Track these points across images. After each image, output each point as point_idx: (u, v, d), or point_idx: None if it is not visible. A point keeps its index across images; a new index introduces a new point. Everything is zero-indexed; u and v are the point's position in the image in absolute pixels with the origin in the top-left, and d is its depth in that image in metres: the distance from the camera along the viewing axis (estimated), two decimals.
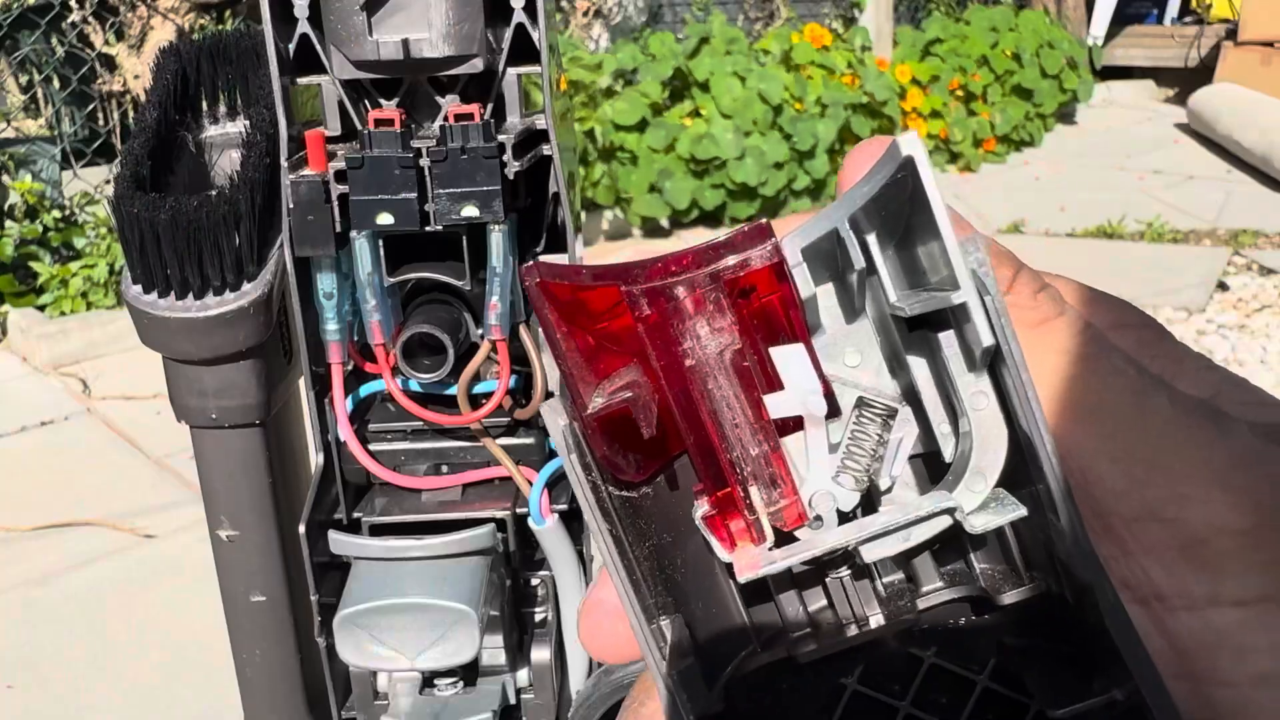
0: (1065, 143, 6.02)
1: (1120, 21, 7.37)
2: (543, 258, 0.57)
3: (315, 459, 0.57)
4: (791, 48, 4.74)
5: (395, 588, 0.56)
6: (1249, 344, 3.24)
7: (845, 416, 0.27)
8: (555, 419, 0.26)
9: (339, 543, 0.57)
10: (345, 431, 0.55)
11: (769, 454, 0.26)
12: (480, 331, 0.55)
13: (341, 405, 0.55)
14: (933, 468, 0.28)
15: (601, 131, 4.05)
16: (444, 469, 0.59)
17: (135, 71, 4.29)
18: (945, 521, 0.26)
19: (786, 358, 0.26)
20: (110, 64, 4.42)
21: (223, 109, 0.61)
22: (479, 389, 0.56)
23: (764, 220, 0.26)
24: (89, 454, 2.79)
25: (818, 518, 0.26)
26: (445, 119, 0.51)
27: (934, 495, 0.26)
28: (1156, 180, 5.19)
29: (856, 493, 0.27)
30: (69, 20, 4.19)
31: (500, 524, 0.58)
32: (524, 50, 0.51)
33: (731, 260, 0.26)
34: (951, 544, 0.28)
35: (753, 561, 0.26)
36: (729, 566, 0.26)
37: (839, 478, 0.27)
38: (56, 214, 3.82)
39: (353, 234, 0.52)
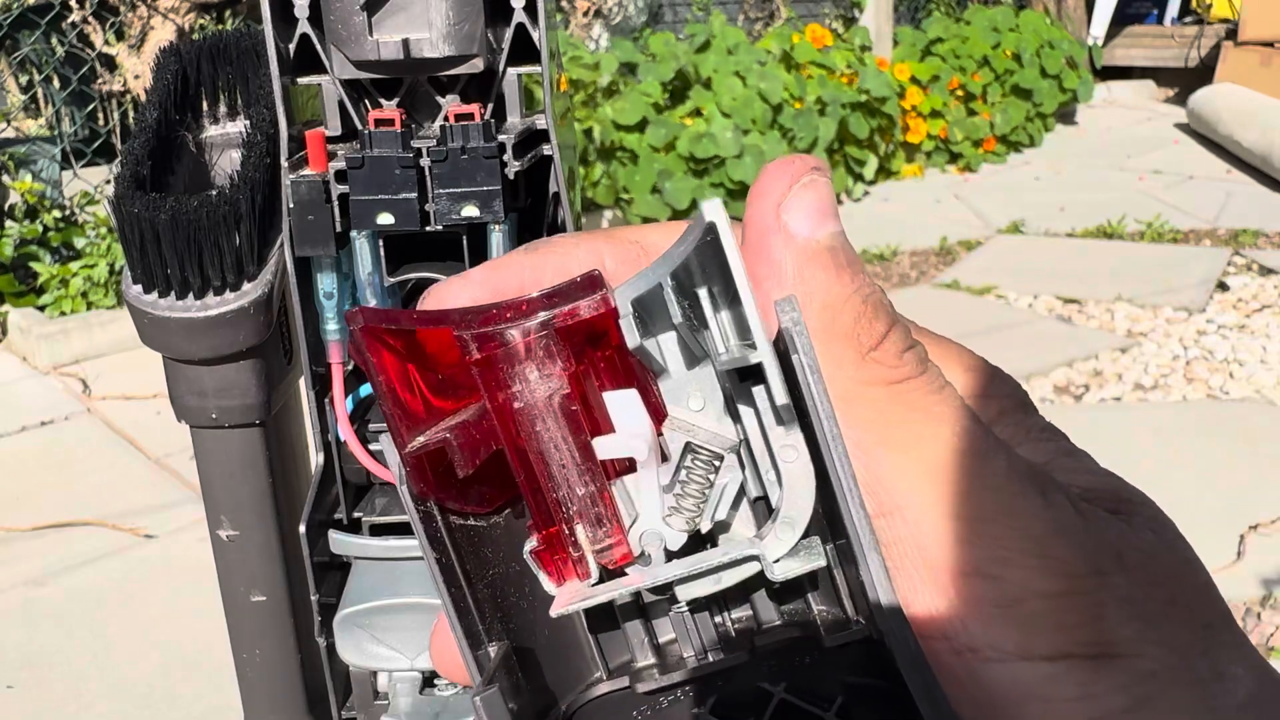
0: (1065, 143, 6.02)
1: (1120, 21, 7.38)
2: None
3: (315, 459, 0.57)
4: (792, 47, 4.74)
5: (395, 588, 0.56)
6: (1249, 344, 3.24)
7: (674, 462, 0.28)
8: (390, 452, 0.27)
9: (339, 542, 0.57)
10: (345, 431, 0.55)
11: (595, 494, 0.27)
12: None
13: (341, 405, 0.55)
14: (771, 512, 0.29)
15: (601, 131, 4.05)
16: None
17: (135, 71, 4.29)
18: (753, 567, 0.27)
19: (618, 402, 0.27)
20: (110, 64, 4.42)
21: (223, 109, 0.61)
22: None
23: (595, 270, 0.27)
24: (89, 454, 2.79)
25: (644, 555, 0.28)
26: (445, 119, 0.51)
27: (742, 542, 0.27)
28: (1156, 180, 5.19)
29: (684, 533, 0.28)
30: (69, 20, 4.19)
31: None
32: (524, 50, 0.51)
33: (562, 308, 0.27)
34: (791, 585, 0.29)
35: (571, 595, 0.27)
36: (550, 593, 0.28)
37: (669, 519, 0.28)
38: (56, 214, 3.82)
39: (353, 234, 0.52)
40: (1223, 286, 3.64)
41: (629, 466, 0.28)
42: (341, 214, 0.51)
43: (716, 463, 0.28)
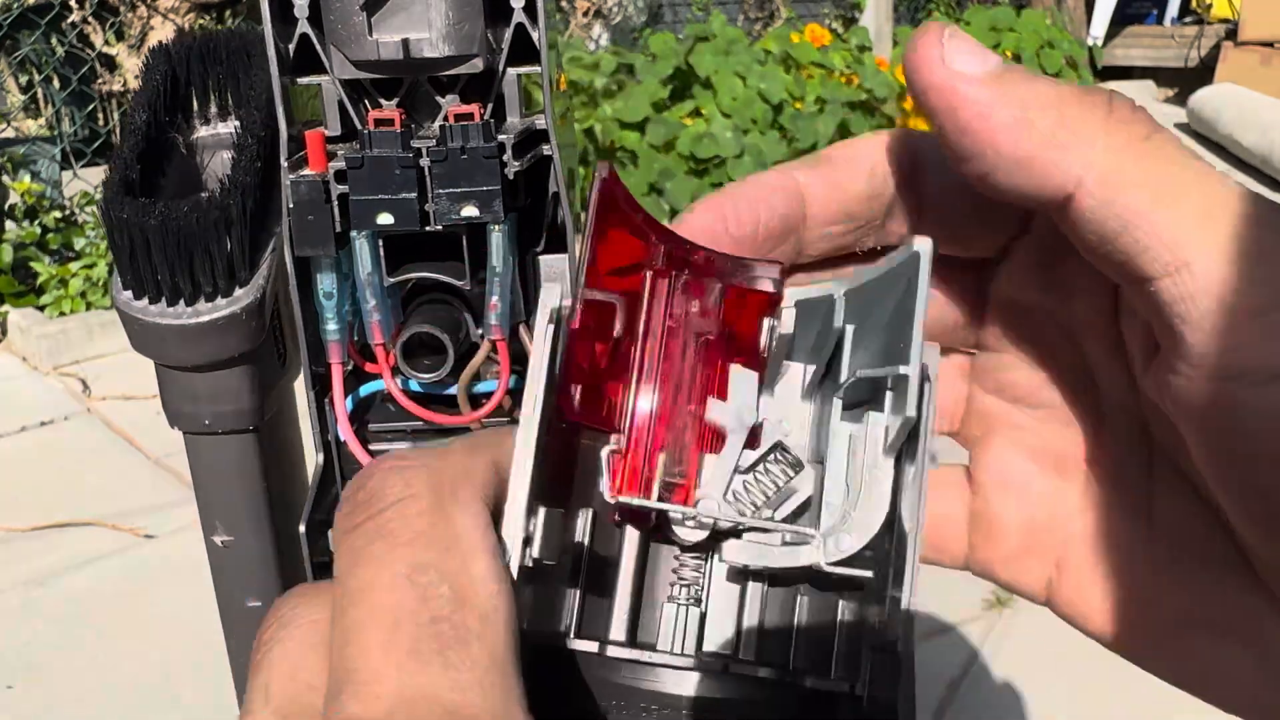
0: None
1: (1120, 21, 7.37)
2: (545, 258, 0.57)
3: (315, 459, 0.57)
4: (792, 47, 4.74)
5: None
6: None
7: (759, 452, 0.30)
8: (550, 295, 0.29)
9: None
10: (345, 431, 0.55)
11: (688, 434, 0.30)
12: (480, 331, 0.55)
13: (341, 405, 0.55)
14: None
15: (601, 130, 4.05)
16: None
17: (135, 71, 4.29)
18: (802, 555, 0.29)
19: (740, 378, 0.30)
20: (110, 64, 4.42)
21: (214, 109, 0.61)
22: (479, 389, 0.56)
23: (783, 263, 0.31)
24: (89, 454, 2.79)
25: (697, 509, 0.30)
26: (445, 119, 0.51)
27: (806, 528, 0.29)
28: None
29: (736, 515, 0.30)
30: (69, 20, 4.19)
31: None
32: (524, 50, 0.51)
33: (741, 275, 0.30)
34: (780, 629, 0.31)
35: (629, 494, 0.29)
36: (606, 492, 0.29)
37: (729, 496, 0.30)
38: (56, 214, 3.82)
39: (353, 234, 0.52)
40: None
41: (715, 438, 0.30)
42: (341, 214, 0.51)
43: (796, 469, 0.30)
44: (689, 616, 0.31)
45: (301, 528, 0.56)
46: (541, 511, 0.28)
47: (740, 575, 0.32)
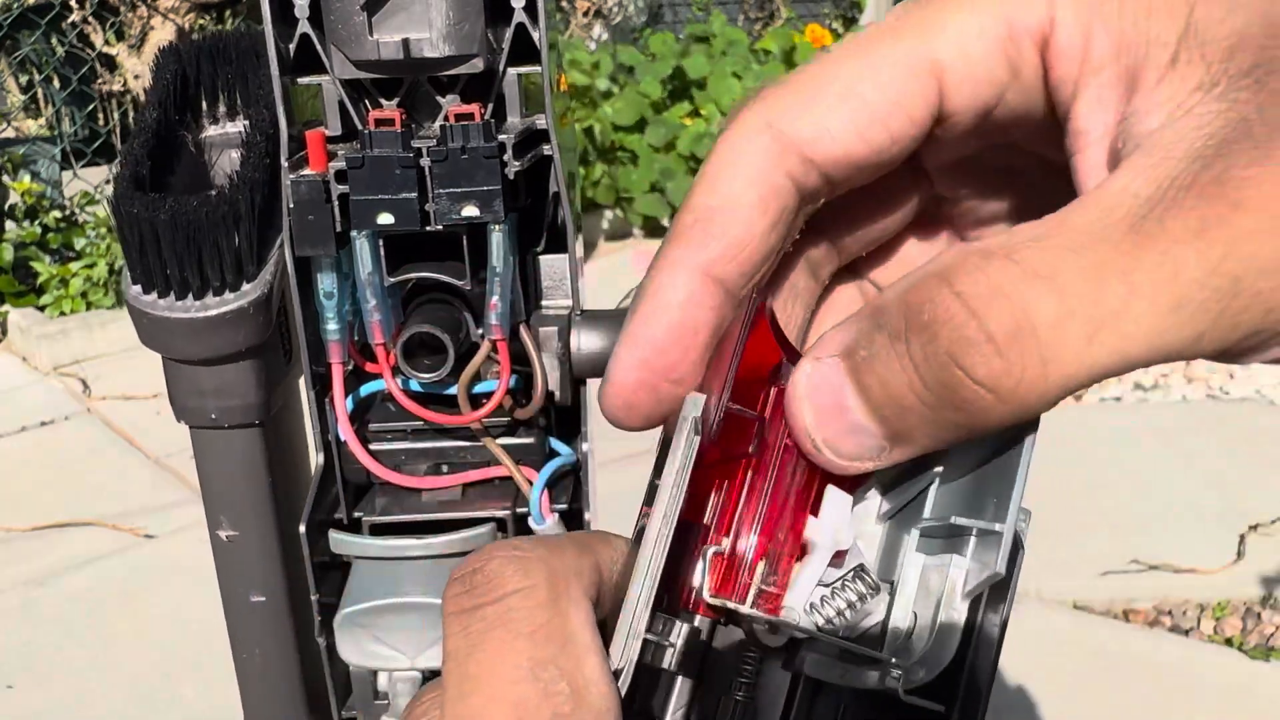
0: None
1: None
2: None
3: (315, 459, 0.57)
4: (793, 47, 4.74)
5: (395, 587, 0.56)
6: None
7: (842, 571, 0.32)
8: (693, 406, 0.30)
9: (339, 542, 0.57)
10: (345, 431, 0.55)
11: (786, 548, 0.31)
12: (480, 331, 0.55)
13: (342, 405, 0.55)
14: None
15: (601, 131, 4.06)
16: (444, 469, 0.59)
17: (135, 71, 4.29)
18: (873, 678, 0.31)
19: (834, 498, 0.32)
20: (110, 64, 4.42)
21: (222, 109, 0.61)
22: (479, 389, 0.56)
23: None
24: (89, 454, 2.79)
25: (776, 624, 0.31)
26: (445, 119, 0.51)
27: (883, 654, 0.31)
28: None
29: (814, 628, 0.31)
30: (69, 20, 4.19)
31: (500, 524, 0.58)
32: (524, 50, 0.51)
33: None
34: None
35: (725, 596, 0.31)
36: (698, 592, 0.31)
37: (810, 608, 0.32)
38: (56, 214, 3.82)
39: (353, 234, 0.52)
40: None
41: (803, 551, 0.32)
42: (341, 214, 0.51)
43: (873, 592, 0.32)
44: (742, 712, 0.33)
45: (302, 528, 0.56)
46: (681, 626, 0.30)
47: (794, 678, 0.33)
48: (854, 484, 0.32)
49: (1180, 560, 2.20)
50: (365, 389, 0.57)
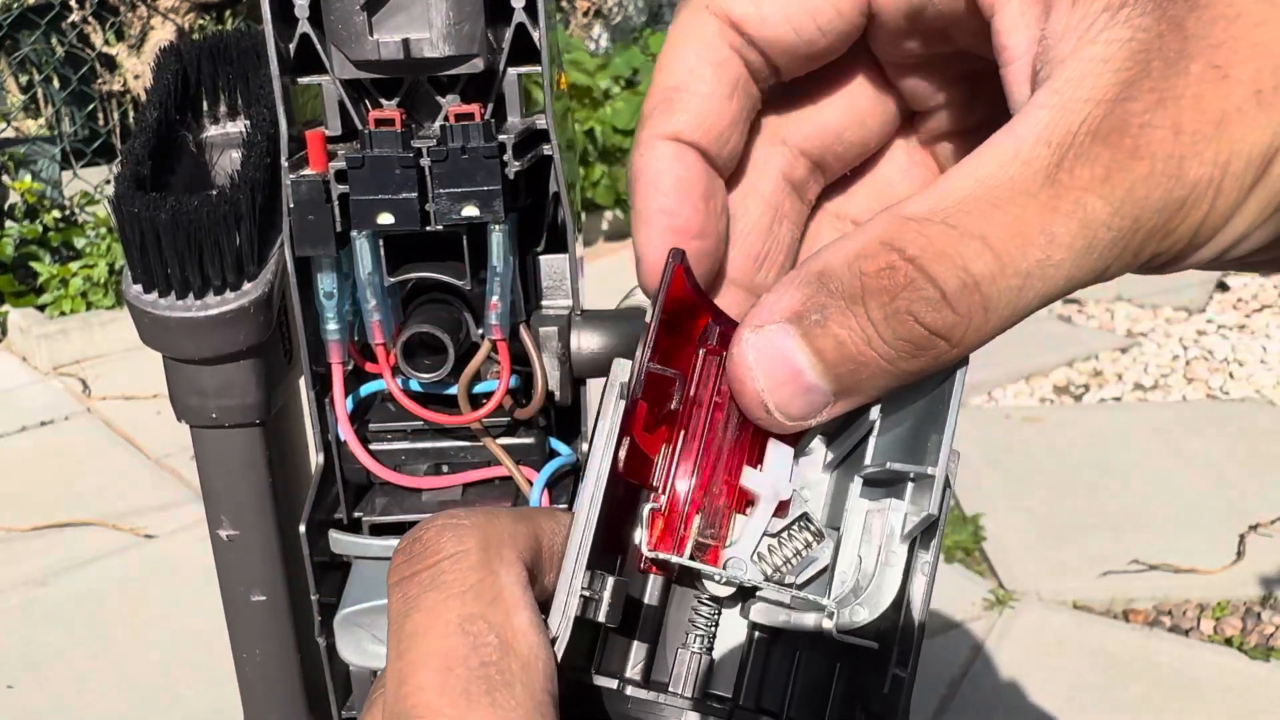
0: None
1: None
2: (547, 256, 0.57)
3: (315, 459, 0.57)
4: None
5: None
6: (1249, 344, 3.24)
7: (786, 521, 0.33)
8: (620, 371, 0.32)
9: (339, 542, 0.57)
10: (345, 431, 0.55)
11: (723, 501, 0.33)
12: (480, 331, 0.56)
13: (342, 405, 0.55)
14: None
15: (602, 131, 4.06)
16: (444, 469, 0.59)
17: (135, 71, 4.29)
18: (817, 620, 0.32)
19: (777, 452, 0.34)
20: (110, 64, 4.42)
21: (223, 109, 0.61)
22: (479, 389, 0.56)
23: None
24: (89, 454, 2.79)
25: (726, 569, 0.33)
26: (446, 119, 0.51)
27: (822, 596, 0.33)
28: None
29: (761, 577, 0.33)
30: (69, 20, 4.19)
31: None
32: (524, 50, 0.51)
33: None
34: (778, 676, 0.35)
35: (665, 551, 0.32)
36: (637, 550, 0.32)
37: (755, 558, 0.33)
38: (56, 214, 3.82)
39: (353, 234, 0.52)
40: (1223, 286, 3.64)
41: (748, 504, 0.33)
42: (341, 214, 0.51)
43: (818, 539, 0.33)
44: (700, 664, 0.34)
45: (302, 527, 0.56)
46: (610, 580, 0.31)
47: (750, 627, 0.35)
48: (795, 437, 0.34)
49: (1180, 560, 2.20)
50: (365, 389, 0.57)
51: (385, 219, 0.50)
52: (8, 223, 3.71)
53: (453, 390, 0.55)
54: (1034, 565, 2.21)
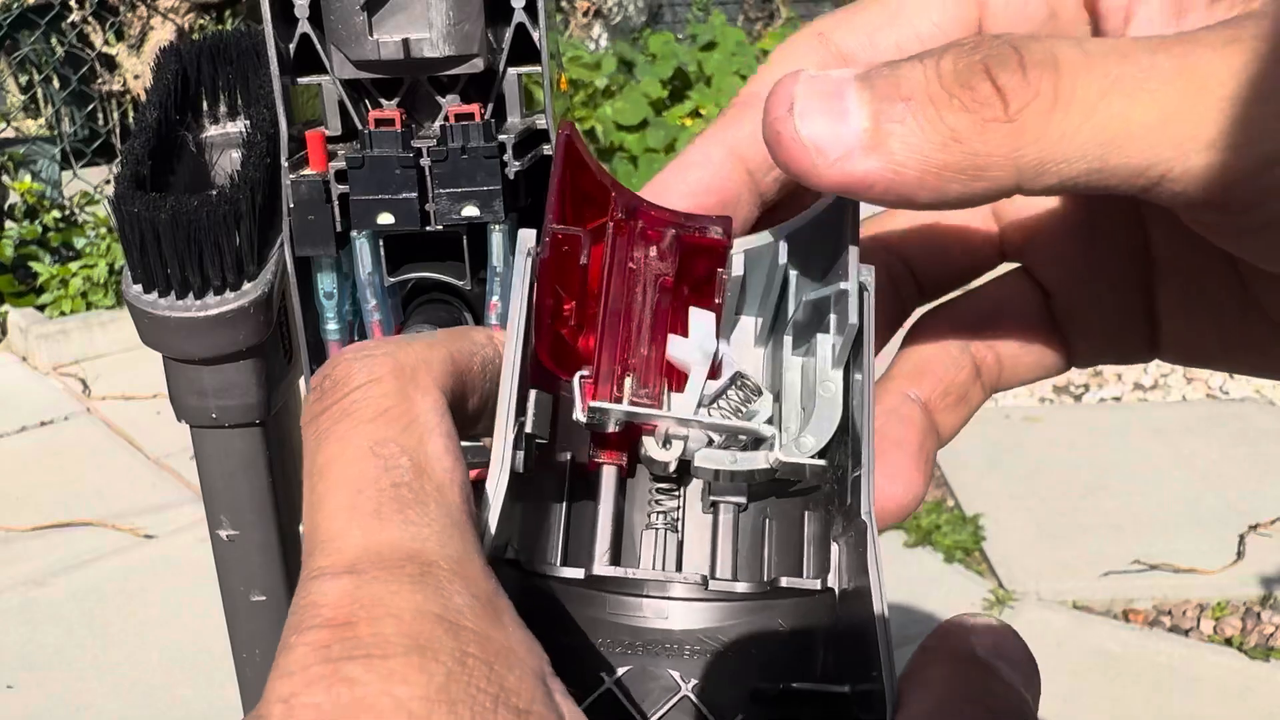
0: None
1: None
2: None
3: None
4: None
5: None
6: None
7: (721, 383, 0.33)
8: (526, 234, 0.32)
9: None
10: None
11: (652, 359, 0.33)
12: None
13: None
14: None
15: (603, 131, 4.05)
16: None
17: (135, 71, 4.29)
18: (763, 459, 0.32)
19: (699, 316, 0.33)
20: (110, 64, 4.42)
21: (223, 109, 0.61)
22: None
23: (730, 218, 0.34)
24: (89, 454, 2.79)
25: (668, 439, 0.33)
26: (445, 119, 0.51)
27: (766, 426, 0.33)
28: None
29: (702, 441, 0.33)
30: (69, 20, 4.19)
31: None
32: (524, 50, 0.51)
33: (693, 226, 0.33)
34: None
35: (601, 399, 0.32)
36: (578, 413, 0.32)
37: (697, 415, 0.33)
38: (56, 214, 3.82)
39: (353, 234, 0.52)
40: None
41: (683, 381, 0.33)
42: (341, 214, 0.51)
43: (756, 394, 0.33)
44: (668, 541, 0.34)
45: (302, 527, 0.56)
46: (533, 394, 0.31)
47: (712, 507, 0.34)
48: (716, 304, 0.34)
49: (1180, 560, 2.20)
50: None
51: (385, 219, 0.50)
52: (8, 223, 3.71)
53: None
54: (1034, 565, 2.21)
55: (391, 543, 0.25)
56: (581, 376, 0.32)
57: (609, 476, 0.34)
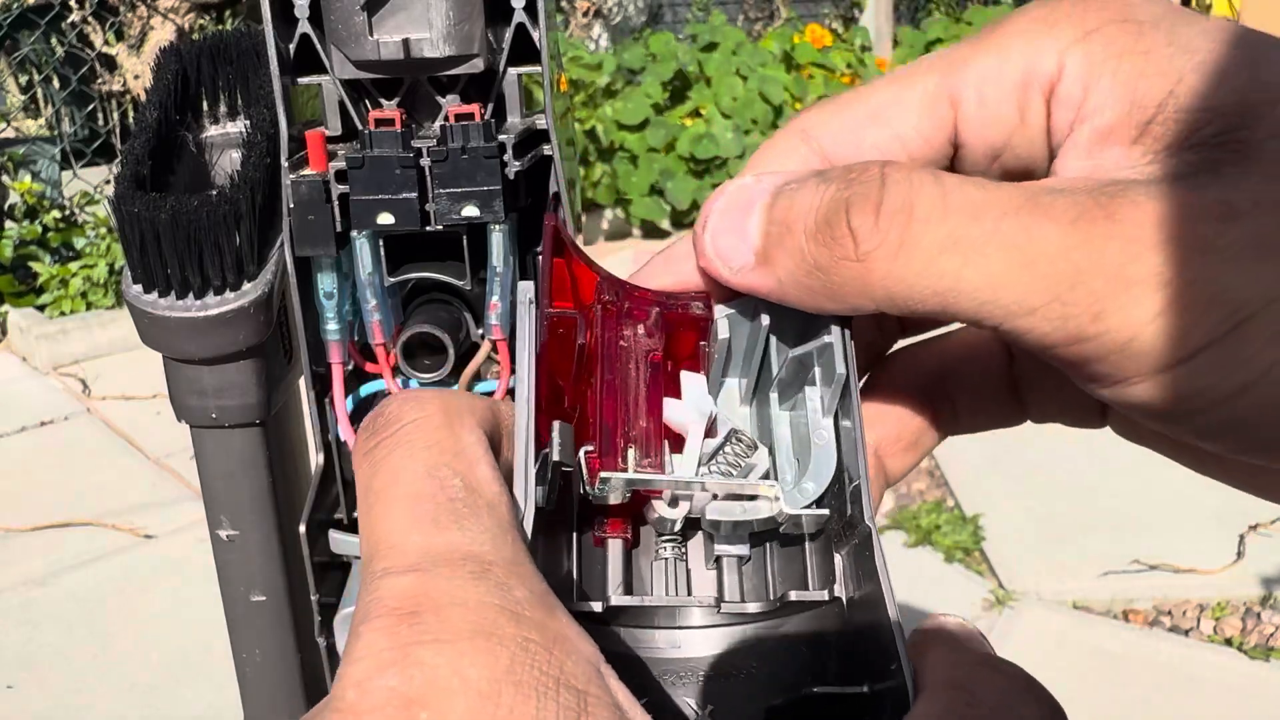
0: None
1: None
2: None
3: (315, 459, 0.57)
4: (793, 48, 4.73)
5: None
6: None
7: (717, 441, 0.35)
8: (525, 286, 0.35)
9: (339, 542, 0.57)
10: (346, 431, 0.55)
11: (652, 430, 0.34)
12: (480, 331, 0.56)
13: (342, 405, 0.55)
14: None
15: (604, 130, 4.05)
16: None
17: (135, 71, 4.29)
18: (768, 508, 0.34)
19: (690, 380, 0.36)
20: (110, 64, 4.42)
21: (223, 109, 0.61)
22: (479, 389, 0.56)
23: (707, 292, 0.36)
24: (89, 454, 2.79)
25: (675, 499, 0.34)
26: (446, 119, 0.51)
27: (768, 482, 0.34)
28: None
29: (707, 497, 0.34)
30: (69, 20, 4.19)
31: None
32: (524, 50, 0.51)
33: (675, 305, 0.36)
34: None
35: (607, 470, 0.33)
36: (585, 486, 0.33)
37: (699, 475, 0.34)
38: (56, 214, 3.81)
39: (353, 234, 0.52)
40: None
41: (681, 444, 0.35)
42: (341, 214, 0.51)
43: (752, 450, 0.34)
44: (677, 570, 0.35)
45: (302, 528, 0.56)
46: (556, 424, 0.33)
47: (716, 562, 0.36)
48: (701, 366, 0.36)
49: (1180, 560, 2.20)
50: (365, 389, 0.57)
51: (385, 219, 0.50)
52: (8, 223, 3.71)
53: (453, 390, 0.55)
54: (1034, 565, 2.21)
55: (450, 544, 0.27)
56: (586, 452, 0.33)
57: (615, 552, 0.35)
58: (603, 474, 0.33)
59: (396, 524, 0.28)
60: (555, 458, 0.32)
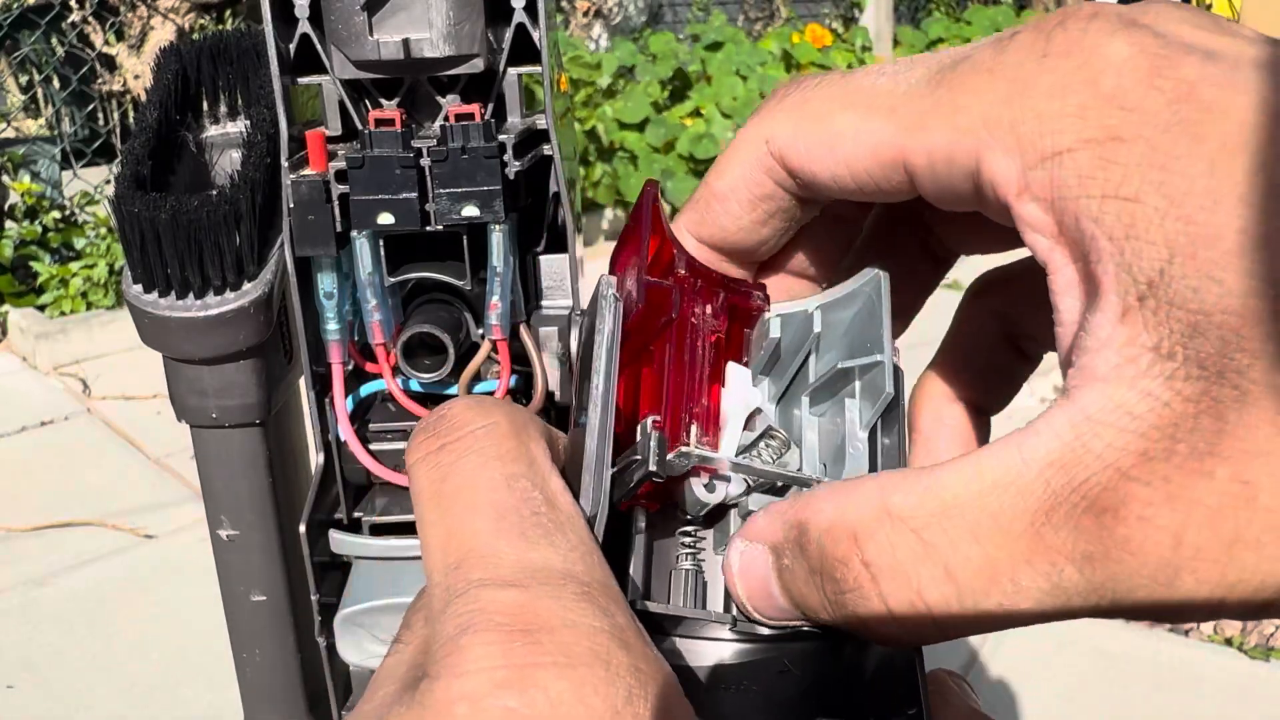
0: None
1: None
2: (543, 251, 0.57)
3: (315, 459, 0.57)
4: (793, 47, 4.74)
5: (396, 587, 0.56)
6: None
7: (754, 435, 0.36)
8: (609, 280, 0.35)
9: (339, 542, 0.57)
10: (346, 431, 0.55)
11: (709, 410, 0.35)
12: (480, 331, 0.56)
13: (342, 405, 0.55)
14: None
15: (605, 130, 4.06)
16: None
17: (135, 71, 4.29)
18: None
19: (736, 371, 0.37)
20: (110, 64, 4.42)
21: (223, 109, 0.61)
22: (479, 389, 0.56)
23: (765, 286, 0.38)
24: (89, 454, 2.79)
25: (712, 483, 0.35)
26: (446, 119, 0.51)
27: (811, 474, 0.35)
28: None
29: (741, 487, 0.35)
30: (69, 20, 4.19)
31: None
32: (525, 50, 0.51)
33: (737, 290, 0.37)
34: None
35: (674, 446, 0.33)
36: (654, 460, 0.33)
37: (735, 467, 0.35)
38: (56, 214, 3.81)
39: (353, 234, 0.52)
40: None
41: (719, 422, 0.35)
42: (342, 214, 0.51)
43: (786, 448, 0.36)
44: (695, 582, 0.35)
45: (302, 528, 0.56)
46: (654, 433, 0.33)
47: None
48: (741, 359, 0.37)
49: None
50: (365, 389, 0.57)
51: (385, 219, 0.50)
52: (8, 223, 3.71)
53: (453, 390, 0.55)
54: None
55: (544, 562, 0.27)
56: (654, 420, 0.33)
57: (640, 520, 0.35)
58: (681, 448, 0.33)
59: (482, 534, 0.28)
60: (652, 468, 0.32)
